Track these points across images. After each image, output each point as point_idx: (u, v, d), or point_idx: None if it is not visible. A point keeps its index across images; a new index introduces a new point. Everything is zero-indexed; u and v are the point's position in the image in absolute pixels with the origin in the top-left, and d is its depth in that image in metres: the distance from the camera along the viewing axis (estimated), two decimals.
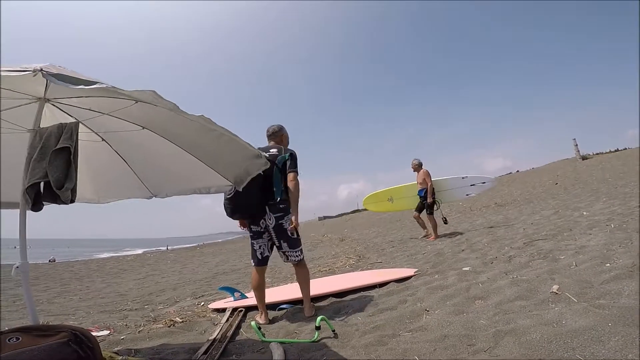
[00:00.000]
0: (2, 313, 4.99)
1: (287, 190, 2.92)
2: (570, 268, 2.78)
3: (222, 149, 2.26)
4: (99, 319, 3.85)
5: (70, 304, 5.43)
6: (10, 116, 1.90)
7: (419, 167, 7.02)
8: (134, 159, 2.59)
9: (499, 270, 3.18)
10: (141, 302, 4.87)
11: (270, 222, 2.88)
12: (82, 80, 1.29)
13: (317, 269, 5.63)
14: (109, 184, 2.82)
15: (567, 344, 1.61)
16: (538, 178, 17.81)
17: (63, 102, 1.93)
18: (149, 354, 2.32)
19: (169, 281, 7.43)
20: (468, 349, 1.80)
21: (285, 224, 2.89)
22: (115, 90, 1.35)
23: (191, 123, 1.91)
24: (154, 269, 11.24)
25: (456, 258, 4.31)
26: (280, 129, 3.17)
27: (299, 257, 2.96)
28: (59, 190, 1.52)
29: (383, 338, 2.15)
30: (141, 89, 1.36)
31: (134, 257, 18.61)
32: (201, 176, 2.58)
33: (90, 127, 2.25)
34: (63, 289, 7.69)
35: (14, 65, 1.33)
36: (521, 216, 7.63)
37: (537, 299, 2.27)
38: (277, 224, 2.88)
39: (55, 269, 12.93)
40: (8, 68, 1.25)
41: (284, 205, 2.90)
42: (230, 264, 9.52)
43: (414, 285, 3.29)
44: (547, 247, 3.80)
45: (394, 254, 5.95)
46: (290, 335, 2.56)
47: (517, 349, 1.67)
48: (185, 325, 3.09)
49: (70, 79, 1.29)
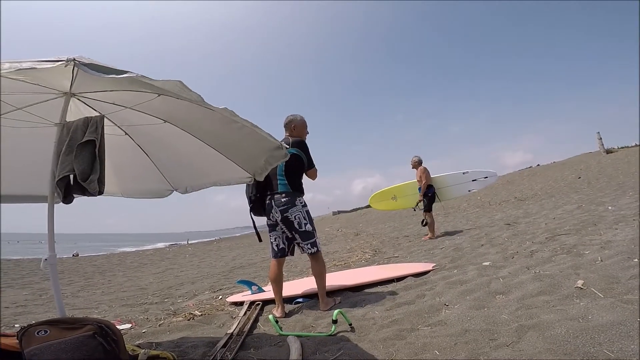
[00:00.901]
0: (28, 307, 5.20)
1: (292, 183, 2.94)
2: (596, 263, 2.69)
3: (243, 142, 2.26)
4: (121, 312, 3.94)
5: (94, 298, 5.60)
6: (37, 110, 1.95)
7: (418, 164, 6.90)
8: (155, 153, 2.63)
9: (521, 265, 3.11)
10: (161, 295, 4.98)
11: (277, 215, 2.91)
12: (113, 70, 1.31)
13: (332, 263, 5.63)
14: (132, 178, 2.87)
15: (594, 339, 1.56)
16: (560, 172, 17.30)
17: (88, 96, 1.97)
18: (169, 347, 2.35)
19: (187, 275, 7.56)
20: (490, 343, 1.76)
21: (290, 216, 2.90)
22: (142, 81, 1.36)
23: (213, 115, 1.92)
24: (173, 262, 11.49)
25: (475, 253, 4.23)
26: (290, 121, 3.15)
27: (312, 249, 2.96)
28: (84, 182, 1.55)
29: (401, 332, 2.13)
30: (167, 79, 1.37)
31: (153, 251, 19.05)
32: (222, 169, 2.60)
33: (113, 121, 2.29)
34: (86, 282, 7.93)
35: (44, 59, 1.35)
36: (542, 210, 7.44)
37: (561, 294, 2.20)
38: (283, 217, 2.90)
39: (78, 263, 13.36)
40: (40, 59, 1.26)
41: (287, 198, 2.91)
42: (246, 258, 9.63)
43: (432, 280, 3.25)
44: (571, 242, 3.69)
45: (411, 248, 5.89)
46: (306, 328, 2.57)
47: (542, 343, 1.63)
48: (204, 318, 3.13)
49: (102, 69, 1.31)
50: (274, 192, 2.94)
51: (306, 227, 2.93)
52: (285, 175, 2.94)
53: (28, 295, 6.28)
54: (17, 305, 5.19)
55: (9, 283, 8.11)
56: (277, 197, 2.91)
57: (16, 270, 10.74)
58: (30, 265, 11.68)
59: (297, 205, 2.92)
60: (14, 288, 7.37)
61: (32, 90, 1.76)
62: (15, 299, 5.86)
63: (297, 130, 3.13)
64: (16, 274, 9.90)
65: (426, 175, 6.73)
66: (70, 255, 18.16)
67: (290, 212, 2.90)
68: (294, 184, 2.96)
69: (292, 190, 2.94)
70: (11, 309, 4.83)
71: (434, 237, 6.54)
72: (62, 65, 1.29)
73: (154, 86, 1.48)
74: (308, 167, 3.04)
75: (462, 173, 7.27)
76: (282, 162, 2.58)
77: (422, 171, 6.74)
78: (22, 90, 1.74)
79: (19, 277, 9.25)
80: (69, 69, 1.47)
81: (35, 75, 1.62)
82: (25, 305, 5.19)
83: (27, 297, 5.98)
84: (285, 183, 2.94)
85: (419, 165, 6.89)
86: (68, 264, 12.92)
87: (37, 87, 1.74)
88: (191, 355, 2.19)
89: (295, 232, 2.93)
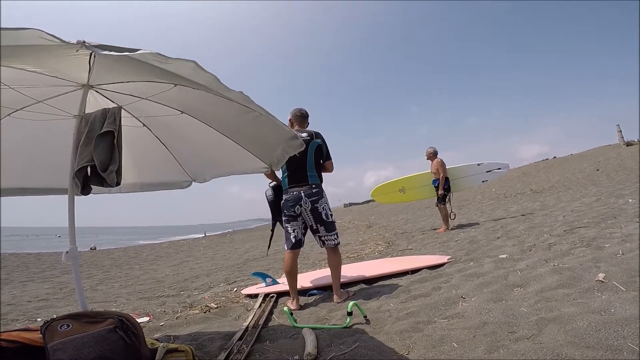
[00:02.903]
0: (49, 300, 5.34)
1: (320, 175, 3.01)
2: (617, 257, 2.62)
3: (260, 131, 2.26)
4: (139, 305, 4.02)
5: (112, 291, 5.72)
6: (57, 103, 1.98)
7: (433, 156, 6.80)
8: (173, 144, 2.66)
9: (539, 258, 3.04)
10: (177, 288, 5.06)
11: (306, 206, 2.91)
12: (125, 49, 1.31)
13: (345, 255, 5.62)
14: (150, 170, 2.90)
15: (617, 332, 1.52)
16: (577, 164, 16.87)
17: (105, 87, 1.99)
18: (187, 341, 2.38)
19: (202, 267, 7.67)
20: (509, 336, 1.73)
21: (320, 207, 2.91)
22: (157, 63, 1.35)
23: (229, 105, 1.92)
24: (188, 255, 11.66)
25: (491, 245, 4.17)
26: (307, 115, 3.18)
27: (335, 240, 2.99)
28: (104, 172, 1.56)
29: (418, 324, 2.11)
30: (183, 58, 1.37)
31: (168, 244, 19.36)
32: (238, 159, 2.62)
33: (131, 113, 2.30)
34: (104, 276, 8.12)
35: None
36: (560, 203, 7.29)
37: (582, 287, 2.15)
38: (313, 207, 2.91)
39: (96, 256, 13.67)
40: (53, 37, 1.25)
41: (317, 189, 2.94)
42: (259, 250, 9.71)
43: (448, 273, 3.21)
44: (590, 234, 3.61)
45: (425, 240, 5.84)
46: (321, 321, 2.57)
47: (563, 336, 1.59)
48: (219, 311, 3.17)
49: (113, 48, 1.30)
50: (302, 184, 2.93)
51: (332, 218, 3.00)
52: (315, 166, 2.97)
53: (49, 289, 6.47)
54: (39, 299, 5.35)
55: (30, 277, 8.37)
56: (306, 188, 2.91)
57: (37, 264, 11.06)
58: (50, 259, 12.02)
59: (324, 197, 2.97)
60: (35, 282, 7.60)
61: (51, 83, 1.77)
62: (36, 292, 6.04)
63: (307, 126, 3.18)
64: (37, 267, 10.20)
65: (444, 168, 6.64)
66: (88, 248, 18.58)
67: (320, 204, 2.92)
68: (320, 175, 3.03)
69: (320, 181, 3.00)
70: (33, 303, 4.99)
71: (448, 230, 6.49)
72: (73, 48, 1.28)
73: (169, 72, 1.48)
74: (327, 159, 3.07)
75: (477, 164, 7.33)
76: (310, 149, 2.75)
77: (439, 164, 6.63)
78: (42, 83, 1.76)
79: (39, 270, 9.52)
80: (86, 60, 1.47)
81: (53, 67, 1.63)
82: (47, 299, 5.35)
83: (48, 291, 6.16)
84: (316, 174, 2.96)
85: (434, 157, 6.79)
86: (86, 257, 13.23)
87: (55, 80, 1.75)
88: (208, 347, 2.22)
89: (322, 224, 2.94)
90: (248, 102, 1.72)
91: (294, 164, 2.90)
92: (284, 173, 3.02)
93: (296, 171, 2.94)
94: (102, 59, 1.50)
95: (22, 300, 5.23)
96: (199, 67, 1.40)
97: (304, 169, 2.93)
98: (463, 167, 7.29)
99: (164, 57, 1.33)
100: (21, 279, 8.12)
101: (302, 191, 2.91)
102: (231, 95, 1.66)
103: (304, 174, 2.93)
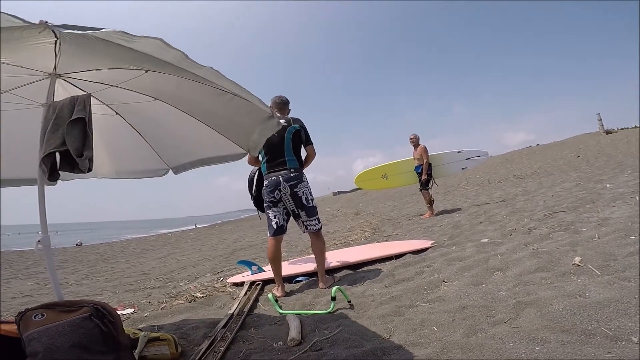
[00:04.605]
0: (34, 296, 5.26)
1: (299, 159, 3.00)
2: (593, 240, 2.69)
3: (235, 115, 2.23)
4: (124, 297, 3.99)
5: (98, 285, 5.66)
6: (25, 92, 1.93)
7: (417, 142, 6.96)
8: (148, 132, 2.61)
9: (519, 242, 3.11)
10: (163, 279, 5.03)
11: (285, 191, 2.90)
12: (89, 27, 1.27)
13: (332, 242, 5.66)
14: (126, 158, 2.85)
15: (591, 316, 1.56)
16: (559, 151, 17.23)
17: (73, 76, 1.93)
18: (170, 330, 2.38)
19: (189, 259, 7.63)
20: (488, 319, 1.77)
21: (299, 191, 2.91)
22: (123, 37, 1.31)
23: (202, 89, 1.89)
24: (175, 247, 11.58)
25: (474, 230, 4.25)
26: (287, 103, 3.18)
27: (317, 225, 3.00)
28: (79, 158, 1.53)
29: (400, 308, 2.15)
30: (148, 36, 1.33)
31: (156, 237, 19.19)
32: (215, 145, 2.58)
33: (102, 101, 2.25)
34: (90, 270, 8.02)
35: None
36: (541, 188, 7.45)
37: (559, 271, 2.21)
38: (292, 192, 2.91)
39: (82, 252, 13.48)
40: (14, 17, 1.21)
41: (296, 174, 2.93)
42: (247, 240, 9.70)
43: (431, 257, 3.27)
44: (569, 219, 3.70)
45: (410, 226, 5.91)
46: (306, 307, 2.59)
47: (539, 320, 1.63)
48: (205, 300, 3.17)
49: (75, 27, 1.27)
50: (280, 169, 2.93)
51: (313, 203, 3.00)
52: (293, 151, 2.97)
53: (33, 285, 6.36)
54: (23, 295, 5.27)
55: (14, 274, 8.21)
56: (284, 173, 2.91)
57: (20, 261, 10.87)
58: (34, 256, 11.80)
59: (304, 181, 2.97)
60: (19, 279, 7.46)
61: (16, 73, 1.72)
62: (21, 289, 5.94)
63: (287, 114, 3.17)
64: (20, 264, 10.03)
65: (427, 153, 6.81)
66: (74, 244, 18.30)
67: (299, 188, 2.92)
68: (300, 159, 3.02)
69: (299, 166, 2.99)
70: (18, 299, 4.91)
71: (433, 215, 6.59)
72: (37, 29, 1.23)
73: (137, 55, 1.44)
74: (307, 143, 3.05)
75: (457, 152, 7.53)
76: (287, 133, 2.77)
77: (423, 150, 6.80)
78: (6, 73, 1.70)
79: (23, 267, 9.36)
80: (51, 48, 1.42)
81: (17, 56, 1.57)
82: (31, 295, 5.27)
83: (33, 287, 6.06)
84: (294, 159, 2.96)
85: (419, 143, 6.94)
86: (72, 253, 13.04)
87: (20, 69, 1.70)
88: (192, 336, 2.22)
89: (302, 209, 2.95)
90: (218, 78, 1.67)
91: (272, 150, 2.91)
92: (263, 159, 3.02)
93: (274, 157, 2.94)
94: (67, 46, 1.45)
95: (6, 297, 5.14)
96: (166, 45, 1.36)
97: (282, 153, 2.93)
98: (444, 154, 7.47)
99: (129, 35, 1.30)
100: (5, 276, 7.96)
101: (281, 176, 2.91)
102: (201, 73, 1.62)
103: (282, 158, 2.93)
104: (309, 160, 3.10)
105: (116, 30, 1.27)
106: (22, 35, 1.31)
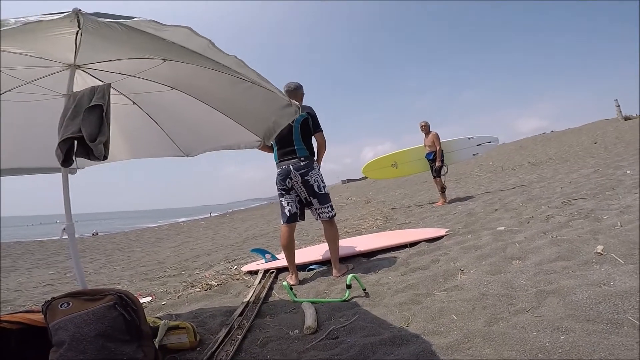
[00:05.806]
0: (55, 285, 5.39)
1: (309, 148, 2.99)
2: (615, 228, 2.60)
3: (252, 103, 2.23)
4: (142, 286, 4.05)
5: (115, 274, 5.78)
6: (46, 84, 1.94)
7: (428, 129, 6.85)
8: (165, 120, 2.63)
9: (537, 230, 3.04)
10: (178, 268, 5.10)
11: (296, 179, 2.92)
12: (121, 16, 1.28)
13: (344, 230, 5.64)
14: (142, 146, 2.91)
15: (617, 305, 1.51)
16: (575, 138, 16.77)
17: (92, 67, 1.94)
18: (188, 318, 2.41)
19: (202, 247, 7.74)
20: (509, 308, 1.73)
21: (310, 179, 2.91)
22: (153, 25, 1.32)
23: (219, 78, 1.89)
24: (188, 236, 11.75)
25: (489, 218, 4.18)
26: (298, 88, 3.12)
27: (330, 212, 3.00)
28: (92, 143, 1.54)
29: (417, 297, 2.13)
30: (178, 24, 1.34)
31: (169, 226, 19.48)
32: (231, 133, 2.61)
33: (120, 91, 2.27)
34: (107, 259, 8.20)
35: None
36: (557, 175, 7.29)
37: (580, 260, 2.15)
38: (304, 180, 2.92)
39: (99, 241, 13.79)
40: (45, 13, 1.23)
41: (306, 162, 2.93)
42: (259, 229, 9.78)
43: (446, 245, 3.23)
44: (588, 206, 3.59)
45: (423, 214, 5.86)
46: (320, 295, 2.60)
47: (563, 309, 1.59)
48: (220, 288, 3.20)
49: (108, 15, 1.28)
50: (290, 157, 2.93)
51: (325, 190, 2.99)
52: (302, 139, 2.96)
53: (53, 274, 6.54)
54: (44, 284, 5.42)
55: (35, 264, 8.46)
56: (295, 161, 2.92)
57: (41, 250, 11.18)
58: (54, 246, 12.14)
59: (315, 169, 2.96)
60: (40, 268, 7.68)
61: (38, 65, 1.74)
62: (42, 278, 6.11)
63: (300, 100, 3.12)
64: (41, 254, 10.32)
65: (439, 140, 6.71)
66: (90, 234, 18.71)
67: (310, 175, 2.92)
68: (310, 147, 3.00)
69: (310, 154, 2.98)
70: (39, 288, 5.05)
71: (445, 203, 6.52)
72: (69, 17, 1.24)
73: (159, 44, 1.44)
74: (316, 130, 3.02)
75: (468, 138, 7.50)
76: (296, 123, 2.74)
77: (435, 137, 6.69)
78: (28, 65, 1.72)
79: (44, 257, 9.63)
80: (72, 40, 1.42)
81: (39, 48, 1.58)
82: (52, 284, 5.41)
83: (53, 276, 6.23)
84: (304, 147, 2.96)
85: (429, 130, 6.83)
86: (89, 242, 13.34)
87: (41, 61, 1.72)
88: (209, 324, 2.24)
89: (314, 197, 2.96)
90: (241, 67, 1.67)
91: (281, 139, 2.90)
92: (274, 148, 3.03)
93: (284, 145, 2.95)
94: (88, 36, 1.44)
95: (28, 287, 5.30)
96: (194, 33, 1.37)
97: (291, 142, 2.93)
98: (454, 140, 7.42)
99: (158, 24, 1.30)
100: (26, 266, 8.21)
101: (291, 164, 2.92)
102: (226, 62, 1.62)
103: (292, 147, 2.94)
104: (321, 150, 3.09)
105: (146, 19, 1.28)
106: (47, 26, 1.30)
